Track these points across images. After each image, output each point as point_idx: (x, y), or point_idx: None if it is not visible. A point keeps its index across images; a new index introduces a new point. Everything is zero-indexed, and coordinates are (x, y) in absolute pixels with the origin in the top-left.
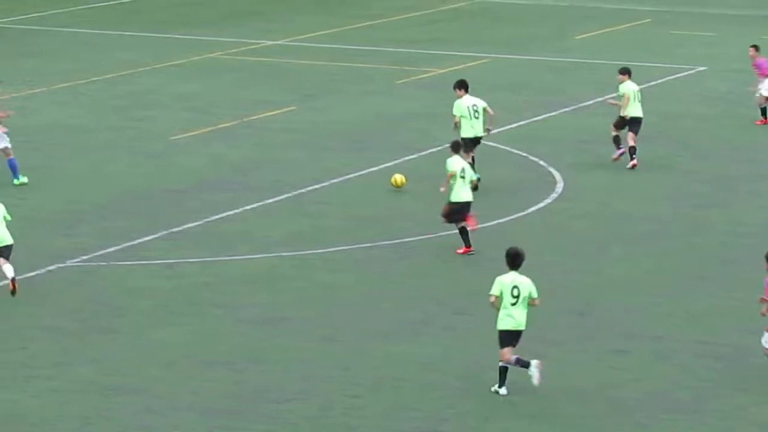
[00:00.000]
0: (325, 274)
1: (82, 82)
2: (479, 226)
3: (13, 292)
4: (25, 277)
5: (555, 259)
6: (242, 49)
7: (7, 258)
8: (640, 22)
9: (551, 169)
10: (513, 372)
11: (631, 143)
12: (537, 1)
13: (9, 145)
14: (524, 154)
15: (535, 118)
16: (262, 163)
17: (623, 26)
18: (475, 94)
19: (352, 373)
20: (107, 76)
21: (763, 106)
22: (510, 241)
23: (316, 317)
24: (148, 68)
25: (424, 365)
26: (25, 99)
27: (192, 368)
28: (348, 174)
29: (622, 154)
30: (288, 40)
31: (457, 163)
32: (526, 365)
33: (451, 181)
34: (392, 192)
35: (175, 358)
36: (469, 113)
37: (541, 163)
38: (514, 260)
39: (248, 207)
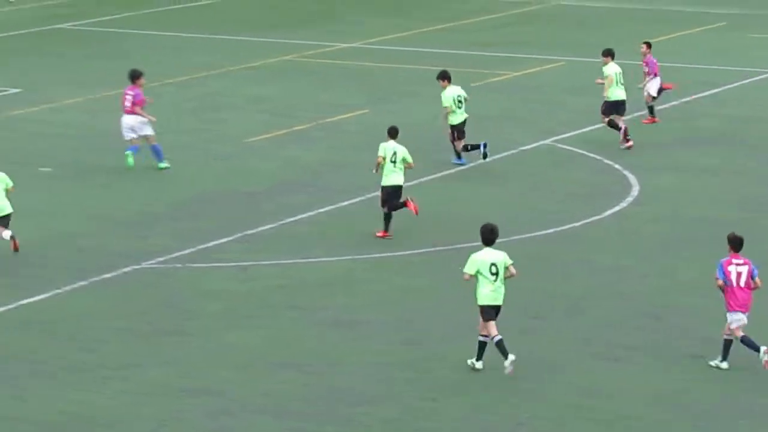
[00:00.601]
0: (401, 277)
1: (156, 84)
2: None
3: (16, 250)
4: (101, 279)
5: (630, 263)
6: (316, 51)
7: (6, 226)
8: (715, 25)
9: (626, 173)
10: (588, 377)
11: (622, 125)
12: (612, 4)
13: (152, 133)
14: (599, 158)
15: None
16: (336, 165)
17: (698, 29)
18: (549, 98)
19: (429, 377)
20: (181, 79)
21: (650, 105)
22: (586, 245)
23: (393, 320)
24: (223, 71)
25: (501, 368)
26: (100, 101)
27: (265, 370)
28: (422, 177)
29: (627, 138)
30: (362, 42)
31: (388, 148)
32: (504, 354)
33: (383, 166)
34: (468, 194)
35: (248, 360)
36: (454, 102)
37: (616, 166)
38: (489, 236)
39: (323, 209)
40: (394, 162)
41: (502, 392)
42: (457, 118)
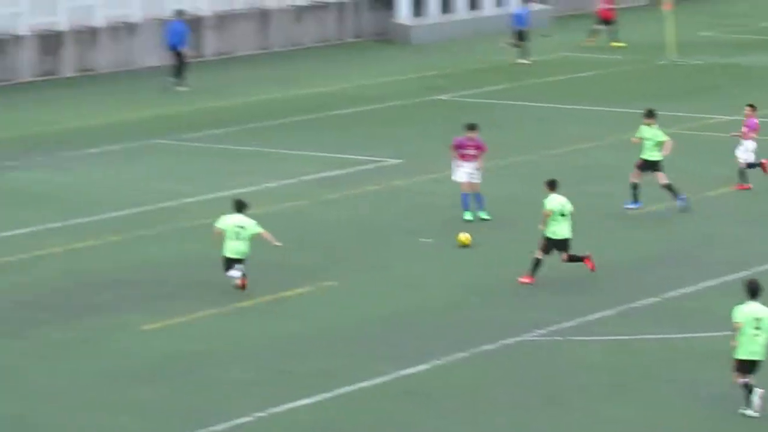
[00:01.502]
0: None
1: (534, 157)
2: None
3: (244, 288)
4: (481, 350)
5: None
6: (696, 124)
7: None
8: None
9: None
10: None
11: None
12: None
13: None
14: None
15: None
16: (717, 239)
17: None
18: None
19: None
20: (559, 150)
21: (742, 170)
22: None
23: None
24: (602, 143)
25: None
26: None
27: None
28: None
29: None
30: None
31: (554, 201)
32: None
33: (549, 219)
34: None
35: None
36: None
37: None
38: (755, 291)
39: (708, 284)
40: (564, 215)
41: None
42: (655, 155)
